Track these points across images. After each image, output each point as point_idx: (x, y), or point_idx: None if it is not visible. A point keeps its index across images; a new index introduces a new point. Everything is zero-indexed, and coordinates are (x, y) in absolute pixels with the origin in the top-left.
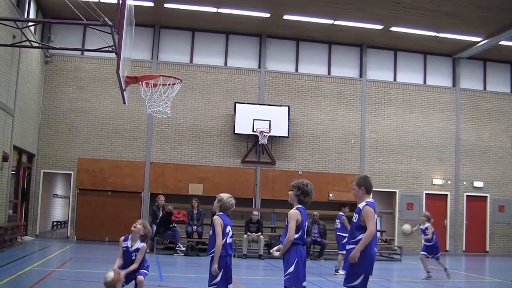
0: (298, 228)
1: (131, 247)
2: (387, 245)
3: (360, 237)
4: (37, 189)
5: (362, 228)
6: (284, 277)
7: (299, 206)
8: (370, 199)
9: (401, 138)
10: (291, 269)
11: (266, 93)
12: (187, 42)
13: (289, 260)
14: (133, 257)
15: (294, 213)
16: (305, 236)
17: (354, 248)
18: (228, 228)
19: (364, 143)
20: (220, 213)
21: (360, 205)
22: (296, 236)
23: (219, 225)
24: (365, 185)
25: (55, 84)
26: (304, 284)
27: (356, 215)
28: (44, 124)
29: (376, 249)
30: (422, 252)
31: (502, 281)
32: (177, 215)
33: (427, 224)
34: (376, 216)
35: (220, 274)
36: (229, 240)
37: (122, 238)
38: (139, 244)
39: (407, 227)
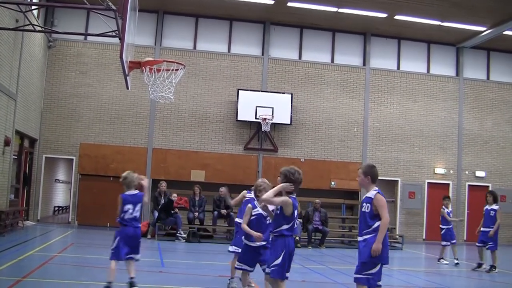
0: (289, 219)
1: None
2: (388, 234)
3: (375, 225)
4: (39, 174)
5: (376, 217)
6: (270, 267)
7: (291, 196)
8: (376, 187)
9: (403, 127)
10: (279, 261)
11: (269, 80)
12: (190, 28)
13: (276, 251)
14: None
15: (288, 202)
16: (295, 227)
17: (370, 237)
18: (127, 206)
19: (367, 132)
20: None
21: (370, 194)
22: (286, 227)
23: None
24: (371, 174)
25: (58, 69)
26: (287, 275)
27: (368, 204)
28: (46, 109)
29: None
30: None
31: (502, 271)
32: (179, 201)
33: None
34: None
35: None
36: (127, 216)
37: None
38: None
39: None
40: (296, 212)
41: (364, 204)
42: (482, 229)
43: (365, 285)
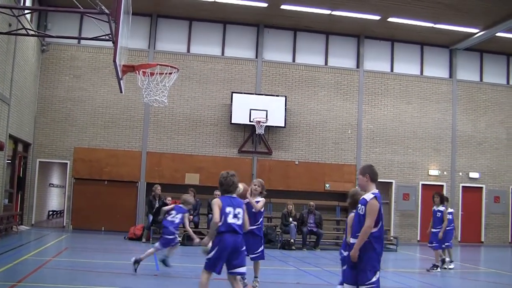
0: (221, 215)
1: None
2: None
3: (372, 230)
4: (33, 179)
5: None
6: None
7: (221, 196)
8: (375, 189)
9: (397, 129)
10: (211, 255)
11: (263, 83)
12: (184, 31)
13: (212, 247)
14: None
15: (214, 201)
16: (229, 222)
17: (365, 242)
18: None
19: (361, 134)
20: None
21: (367, 197)
22: (220, 223)
23: None
24: (369, 172)
25: (52, 73)
26: (237, 270)
27: (363, 207)
28: (40, 113)
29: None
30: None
31: (497, 271)
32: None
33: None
34: (381, 208)
35: None
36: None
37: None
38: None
39: None
40: (227, 208)
41: (360, 205)
42: (432, 230)
43: None
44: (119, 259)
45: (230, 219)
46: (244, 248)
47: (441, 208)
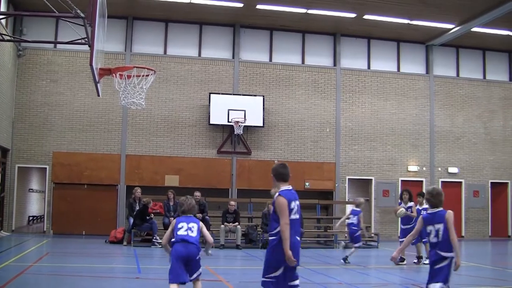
0: (173, 231)
1: None
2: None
3: (277, 229)
4: (12, 184)
5: (278, 220)
6: None
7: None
8: (285, 187)
9: (376, 126)
10: (170, 266)
11: (240, 83)
12: (160, 33)
13: (170, 258)
14: None
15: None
16: (179, 234)
17: (272, 239)
18: None
19: (339, 132)
20: None
21: (275, 195)
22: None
23: None
24: (274, 172)
25: (28, 77)
26: (191, 277)
27: (272, 206)
28: (18, 119)
29: (298, 238)
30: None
31: (478, 265)
32: (154, 207)
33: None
34: (294, 204)
35: None
36: None
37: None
38: None
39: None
40: (179, 224)
41: (272, 206)
42: (401, 227)
43: None
44: (100, 262)
45: (181, 232)
46: (199, 257)
47: (410, 204)
